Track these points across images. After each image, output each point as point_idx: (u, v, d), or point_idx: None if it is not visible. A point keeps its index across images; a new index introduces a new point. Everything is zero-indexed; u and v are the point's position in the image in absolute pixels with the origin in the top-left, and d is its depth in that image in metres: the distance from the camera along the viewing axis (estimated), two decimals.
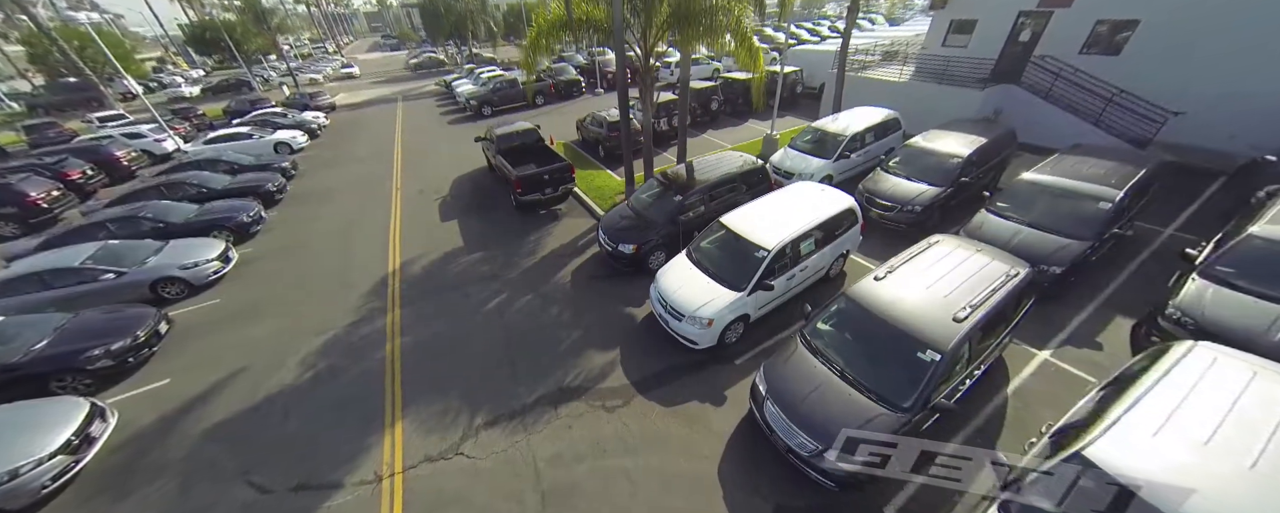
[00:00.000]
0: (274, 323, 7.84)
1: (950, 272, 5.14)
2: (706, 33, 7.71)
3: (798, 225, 6.51)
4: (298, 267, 9.58)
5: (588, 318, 7.41)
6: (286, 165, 14.67)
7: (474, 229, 10.62)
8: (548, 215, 10.99)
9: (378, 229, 10.96)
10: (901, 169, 9.02)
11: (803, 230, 6.48)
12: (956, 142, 8.90)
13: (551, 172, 10.42)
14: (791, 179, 10.18)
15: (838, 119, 11.03)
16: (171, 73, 47.29)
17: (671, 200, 8.18)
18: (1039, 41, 12.40)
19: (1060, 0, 11.68)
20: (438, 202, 12.34)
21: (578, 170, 13.19)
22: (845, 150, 10.23)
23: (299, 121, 19.92)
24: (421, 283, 8.67)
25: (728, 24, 7.29)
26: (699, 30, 7.74)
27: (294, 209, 12.56)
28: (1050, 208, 6.77)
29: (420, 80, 36.20)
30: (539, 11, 8.79)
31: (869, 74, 14.75)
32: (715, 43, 7.80)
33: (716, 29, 7.49)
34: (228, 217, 10.36)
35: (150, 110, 16.84)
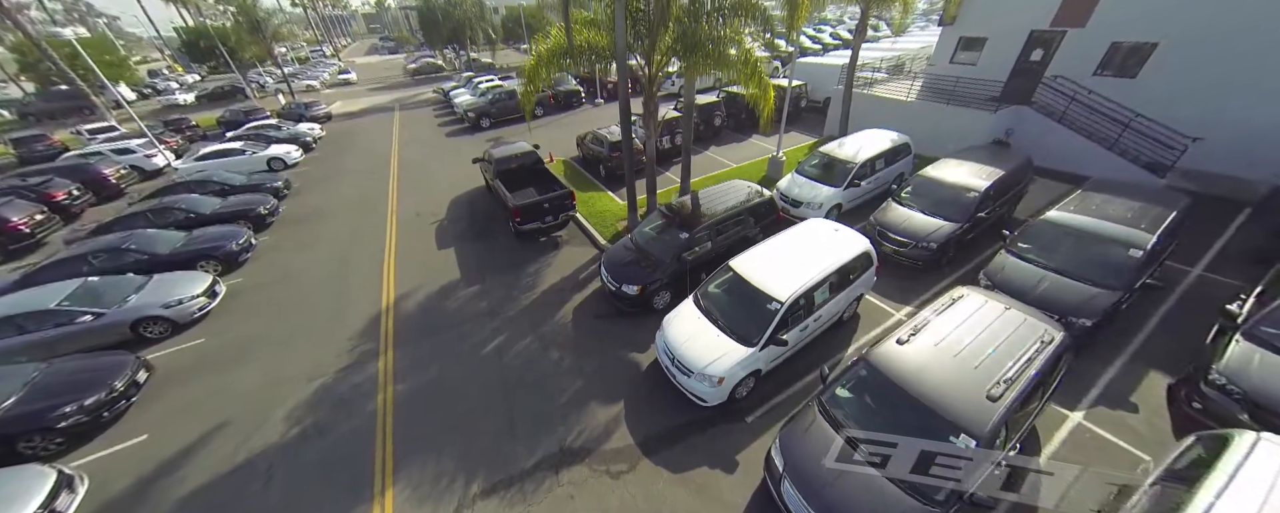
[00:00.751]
0: (260, 367, 7.47)
1: (980, 334, 4.81)
2: (714, 63, 7.37)
3: (812, 273, 6.17)
4: (287, 300, 9.20)
5: (590, 364, 7.06)
6: (279, 184, 14.29)
7: (471, 258, 10.25)
8: (547, 243, 10.63)
9: (372, 257, 10.59)
10: (915, 201, 8.69)
11: (817, 279, 6.13)
12: (972, 173, 8.58)
13: (551, 200, 10.07)
14: (800, 208, 9.89)
15: (846, 144, 10.70)
16: (167, 77, 46.80)
17: (677, 237, 7.84)
18: (1051, 62, 12.11)
19: (1074, 20, 11.38)
20: (434, 226, 11.97)
21: (578, 192, 12.88)
22: (855, 178, 9.90)
23: (293, 135, 19.53)
24: (416, 321, 8.31)
25: (738, 57, 6.94)
26: (706, 59, 7.40)
27: (286, 233, 12.17)
28: (1077, 252, 6.44)
29: (418, 87, 35.80)
30: (537, 39, 8.41)
31: (876, 92, 14.43)
32: (723, 71, 7.46)
33: (725, 59, 7.15)
34: (216, 246, 9.97)
35: (139, 125, 16.38)
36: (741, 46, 6.96)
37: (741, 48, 6.94)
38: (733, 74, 7.28)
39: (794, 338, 6.13)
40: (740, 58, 6.95)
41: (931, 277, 8.14)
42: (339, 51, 69.35)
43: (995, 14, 12.62)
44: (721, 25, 7.47)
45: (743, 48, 6.94)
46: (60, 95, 29.24)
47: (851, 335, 7.17)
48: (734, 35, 7.11)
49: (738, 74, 7.17)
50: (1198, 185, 9.71)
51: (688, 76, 8.56)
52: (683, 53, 7.84)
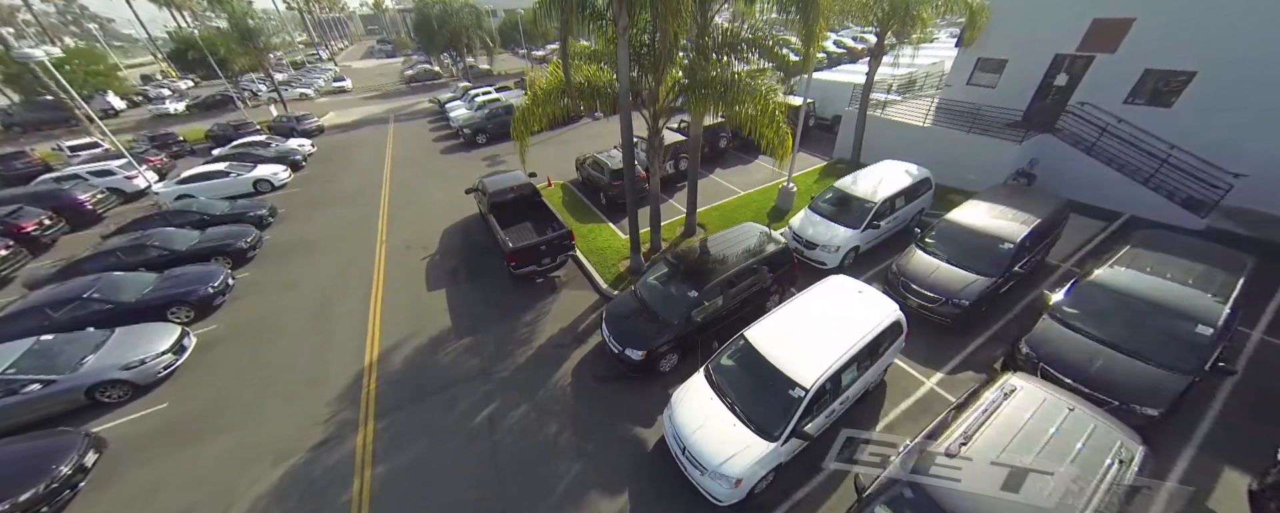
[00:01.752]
0: (226, 441, 6.78)
1: (1044, 446, 4.14)
2: (726, 106, 6.71)
3: (838, 350, 5.50)
4: (263, 355, 8.50)
5: (591, 442, 6.38)
6: (263, 212, 13.58)
7: (464, 302, 9.57)
8: (545, 284, 9.95)
9: (357, 301, 9.89)
10: (942, 250, 8.01)
11: (845, 358, 5.46)
12: (1006, 219, 7.90)
13: (549, 241, 9.39)
14: (816, 251, 9.22)
15: (862, 179, 10.01)
16: (159, 83, 46.04)
17: (685, 295, 7.16)
18: (1077, 87, 11.46)
19: (1103, 45, 10.74)
20: (425, 261, 11.28)
21: (577, 223, 12.23)
22: (874, 219, 9.22)
23: (282, 153, 18.83)
24: (401, 382, 7.62)
25: (753, 105, 6.27)
26: (715, 102, 6.75)
27: (268, 269, 11.46)
28: (1136, 325, 5.77)
29: (414, 96, 35.13)
30: (534, 78, 7.72)
31: (890, 114, 13.77)
32: (734, 115, 6.80)
33: (737, 102, 6.49)
34: (189, 291, 9.27)
35: (118, 147, 15.66)
36: (757, 88, 6.29)
37: (757, 91, 6.28)
38: (746, 114, 6.61)
39: (818, 425, 5.47)
40: (758, 103, 6.28)
41: (963, 337, 7.47)
42: (335, 55, 68.61)
43: (1017, 36, 11.98)
44: (732, 63, 6.83)
45: (759, 91, 6.27)
46: (46, 106, 28.48)
47: (878, 409, 6.50)
48: (748, 78, 6.44)
49: (752, 119, 6.49)
50: (1245, 227, 9.08)
51: (694, 113, 7.90)
52: (690, 91, 7.20)
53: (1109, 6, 10.35)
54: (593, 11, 6.76)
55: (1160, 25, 9.74)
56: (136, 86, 45.21)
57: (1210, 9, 9.04)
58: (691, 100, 7.02)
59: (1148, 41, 10.01)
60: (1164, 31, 9.72)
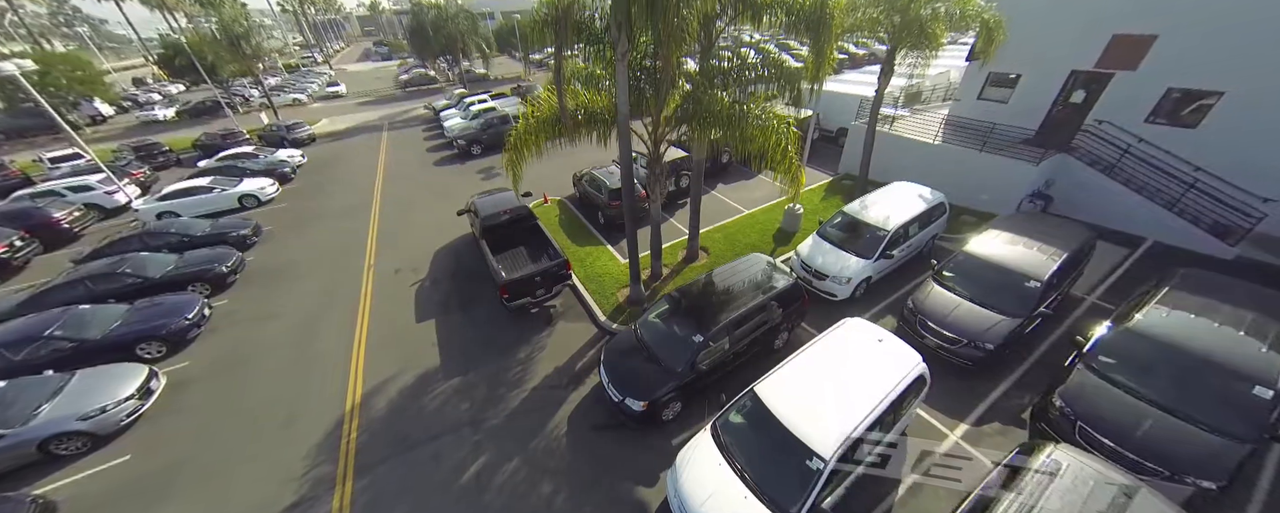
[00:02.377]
0: (191, 502, 6.23)
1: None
2: (734, 139, 6.22)
3: (859, 413, 5.00)
4: (237, 397, 7.94)
5: (588, 504, 5.86)
6: (247, 231, 13.00)
7: (454, 335, 9.03)
8: (539, 315, 9.42)
9: (341, 333, 9.34)
10: (961, 285, 7.52)
11: (867, 421, 4.96)
12: (1030, 253, 7.42)
13: (544, 272, 8.86)
14: (826, 282, 8.72)
15: (873, 205, 9.50)
16: (150, 87, 45.27)
17: (690, 340, 6.64)
18: (1095, 104, 11.00)
19: (1124, 63, 10.28)
20: (414, 287, 10.74)
21: (574, 246, 11.71)
22: (887, 248, 8.73)
23: (270, 165, 18.23)
24: (384, 432, 7.08)
25: (764, 140, 5.77)
26: (722, 134, 6.26)
27: (248, 296, 10.89)
28: (1184, 381, 5.26)
29: (408, 102, 34.55)
30: (528, 107, 7.21)
31: (898, 130, 13.31)
32: (743, 148, 6.30)
33: (746, 137, 5.99)
34: (160, 325, 8.70)
35: (97, 162, 15.07)
36: (768, 123, 5.79)
37: (768, 125, 5.77)
38: (756, 148, 6.11)
39: (837, 498, 4.97)
40: (769, 138, 5.77)
41: (986, 382, 6.99)
42: (330, 58, 67.84)
43: (1031, 50, 11.51)
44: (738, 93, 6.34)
45: (770, 125, 5.77)
46: (30, 113, 27.76)
47: (899, 466, 6.00)
48: (758, 110, 5.94)
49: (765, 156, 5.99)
50: (1272, 255, 8.63)
51: (698, 141, 7.41)
52: (693, 119, 6.70)
53: (1130, 22, 9.90)
54: (590, 35, 6.26)
55: (1185, 43, 9.29)
56: (126, 91, 44.49)
57: (1240, 27, 8.60)
58: (695, 130, 6.54)
59: (1172, 59, 9.56)
60: (1189, 50, 9.27)
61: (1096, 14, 10.31)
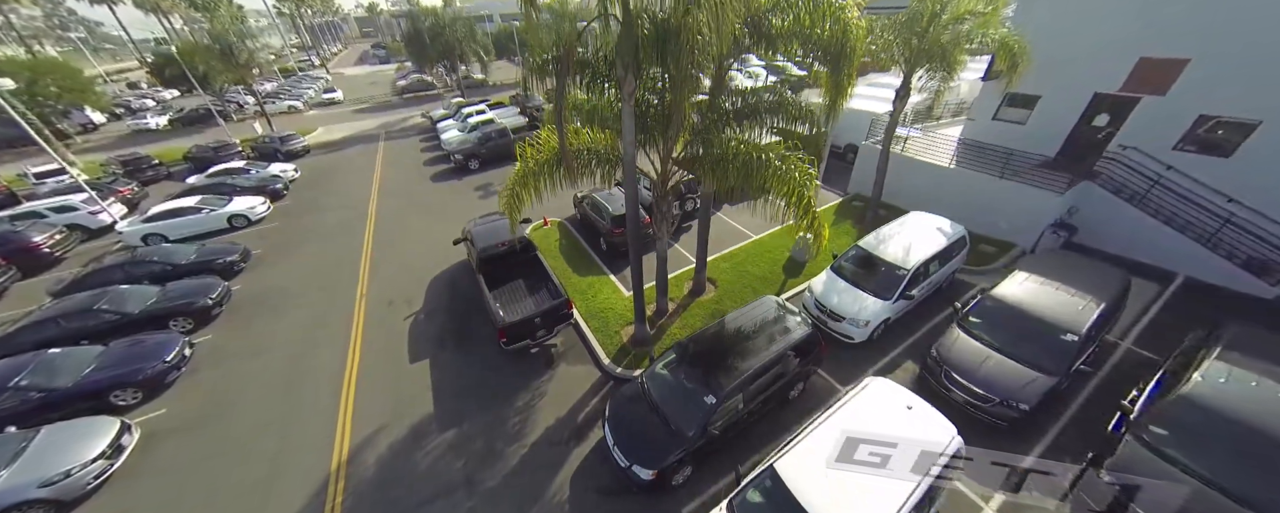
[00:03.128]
0: None
1: None
2: (749, 186, 5.74)
3: (892, 502, 4.52)
4: (215, 451, 7.42)
5: None
6: (235, 257, 12.48)
7: (449, 378, 8.54)
8: (539, 355, 8.93)
9: (330, 375, 8.82)
10: (989, 334, 7.03)
11: (901, 510, 4.49)
12: (1064, 302, 6.93)
13: (544, 313, 8.36)
14: (842, 324, 8.23)
15: (890, 239, 9.00)
16: (144, 93, 44.62)
17: (701, 401, 6.15)
18: (1120, 129, 10.54)
19: (1151, 87, 9.81)
20: (408, 321, 10.24)
21: (575, 275, 11.22)
22: (907, 288, 8.24)
23: (262, 181, 17.70)
24: (372, 497, 6.57)
25: (784, 191, 5.28)
26: (737, 180, 5.79)
27: (233, 330, 10.37)
28: (1252, 457, 4.77)
29: (406, 109, 34.05)
30: (525, 148, 6.71)
31: (911, 151, 12.83)
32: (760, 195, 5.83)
33: (765, 186, 5.52)
34: (135, 371, 8.18)
35: (80, 181, 14.55)
36: (790, 174, 5.30)
37: (790, 176, 5.28)
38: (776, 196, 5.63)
39: None
40: (791, 191, 5.28)
41: (1020, 441, 6.51)
42: (327, 61, 67.22)
43: (1052, 71, 11.01)
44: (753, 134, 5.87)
45: (792, 177, 5.28)
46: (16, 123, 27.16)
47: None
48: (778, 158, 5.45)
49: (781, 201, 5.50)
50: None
51: (707, 183, 6.93)
52: (703, 162, 6.23)
53: (1159, 45, 9.44)
54: (593, 73, 5.77)
55: (1219, 69, 8.82)
56: (120, 96, 43.89)
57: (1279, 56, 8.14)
58: (706, 173, 6.06)
59: (1204, 86, 9.09)
60: (1223, 76, 8.80)
61: (1122, 35, 9.84)
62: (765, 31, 6.34)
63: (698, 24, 4.45)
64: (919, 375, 7.66)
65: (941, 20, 8.88)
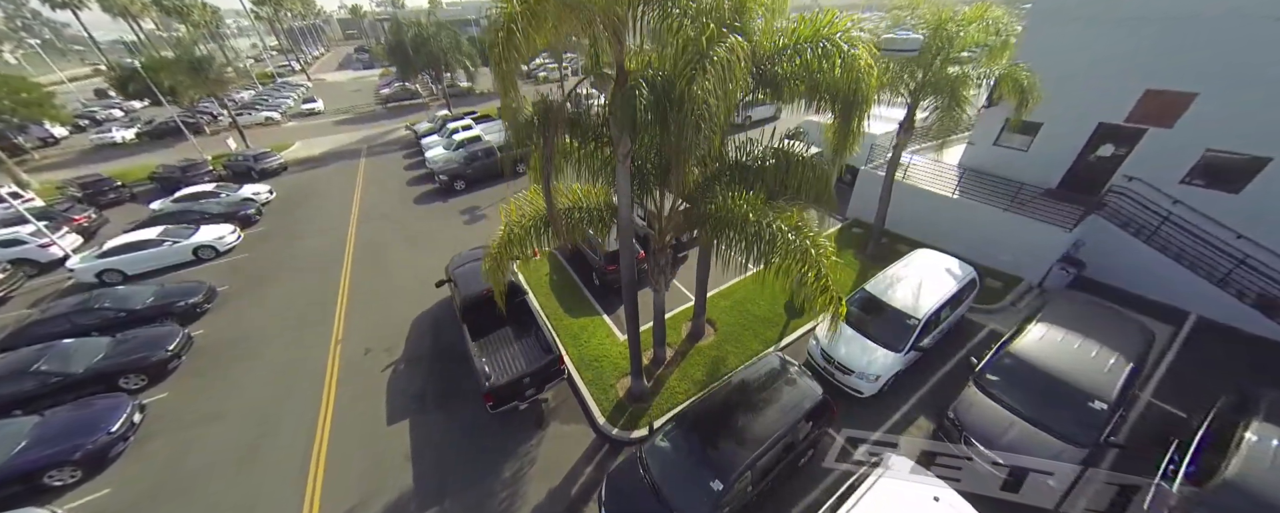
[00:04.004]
0: None
1: None
2: (755, 257, 5.21)
3: None
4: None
5: None
6: (198, 299, 11.55)
7: (430, 444, 7.84)
8: (528, 414, 8.28)
9: (297, 443, 8.03)
10: (1012, 396, 6.59)
11: None
12: (1089, 361, 6.51)
13: (533, 373, 7.72)
14: (851, 378, 7.75)
15: (898, 284, 8.53)
16: (112, 102, 42.54)
17: (707, 487, 5.58)
18: (1126, 160, 10.30)
19: (1157, 119, 9.57)
20: (387, 373, 9.50)
21: (567, 315, 10.59)
22: (919, 337, 7.80)
23: (232, 207, 16.68)
24: None
25: (799, 269, 4.76)
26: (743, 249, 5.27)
27: (191, 387, 9.47)
28: None
29: (390, 120, 33.02)
30: (510, 208, 6.08)
31: (913, 177, 12.47)
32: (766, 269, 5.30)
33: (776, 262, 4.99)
34: (72, 449, 7.29)
35: (25, 213, 13.45)
36: (805, 249, 4.78)
37: (805, 252, 4.76)
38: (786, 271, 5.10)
39: None
40: (808, 268, 4.76)
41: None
42: (308, 66, 65.33)
43: (1054, 98, 10.65)
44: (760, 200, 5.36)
45: (809, 253, 4.76)
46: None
47: None
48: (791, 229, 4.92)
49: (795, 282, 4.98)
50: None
51: (705, 245, 6.40)
52: (704, 223, 5.69)
53: (1166, 78, 9.20)
54: (584, 131, 5.19)
55: (1228, 105, 8.59)
56: (86, 105, 41.82)
57: None
58: (707, 236, 5.53)
59: (1212, 120, 8.86)
60: (1233, 111, 8.57)
61: (1128, 66, 9.59)
62: (769, 77, 5.84)
63: (703, 93, 3.90)
64: (934, 434, 7.23)
65: (950, 53, 8.50)
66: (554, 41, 3.81)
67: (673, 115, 4.13)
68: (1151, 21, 9.11)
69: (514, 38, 3.26)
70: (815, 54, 5.47)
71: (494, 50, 3.37)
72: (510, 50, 3.30)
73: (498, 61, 3.39)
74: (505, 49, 3.30)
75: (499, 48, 3.30)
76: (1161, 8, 8.94)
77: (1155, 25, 9.07)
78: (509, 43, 3.28)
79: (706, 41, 3.92)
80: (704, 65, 3.97)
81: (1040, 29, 10.68)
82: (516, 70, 3.56)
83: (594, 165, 5.60)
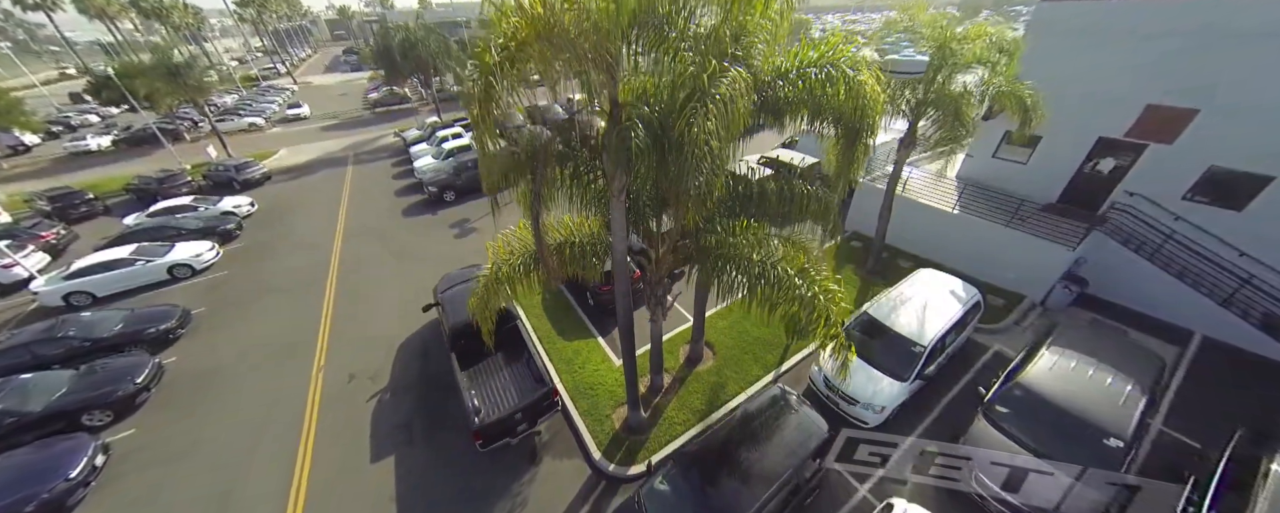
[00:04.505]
0: None
1: None
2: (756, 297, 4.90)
3: None
4: None
5: None
6: (171, 324, 10.96)
7: (417, 483, 7.42)
8: (521, 445, 7.89)
9: (272, 487, 7.52)
10: (1023, 431, 6.34)
11: None
12: (1102, 394, 6.29)
13: (525, 408, 7.35)
14: (856, 408, 7.49)
15: (902, 306, 8.29)
16: (89, 106, 41.16)
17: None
18: (1126, 175, 10.18)
19: (1157, 135, 9.45)
20: (371, 402, 9.05)
21: (560, 338, 10.22)
22: (924, 366, 7.55)
23: (211, 222, 16.03)
24: None
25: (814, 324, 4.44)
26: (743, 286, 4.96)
27: (160, 421, 8.90)
28: None
29: (377, 126, 32.33)
30: (499, 247, 5.70)
31: (912, 191, 12.29)
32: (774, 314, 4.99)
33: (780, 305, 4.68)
34: (26, 499, 6.74)
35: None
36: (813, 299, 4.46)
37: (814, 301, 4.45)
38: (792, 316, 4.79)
39: None
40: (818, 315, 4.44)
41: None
42: (294, 69, 64.03)
43: (1054, 112, 10.59)
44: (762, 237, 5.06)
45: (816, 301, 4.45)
46: None
47: None
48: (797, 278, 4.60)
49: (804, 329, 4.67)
50: None
51: (703, 285, 6.09)
52: (700, 258, 5.38)
53: (1167, 93, 9.07)
54: (576, 165, 4.85)
55: (1231, 122, 8.48)
56: (61, 110, 40.48)
57: None
58: (707, 273, 5.21)
59: (1214, 136, 8.75)
60: (1235, 129, 8.46)
61: (1128, 81, 9.46)
62: (771, 102, 5.55)
63: (705, 135, 3.57)
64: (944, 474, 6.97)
65: (953, 71, 8.29)
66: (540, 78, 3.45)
67: (672, 158, 3.80)
68: (1150, 37, 8.98)
69: (493, 91, 2.91)
70: (819, 78, 5.20)
71: (472, 109, 3.02)
72: (489, 106, 2.95)
73: (477, 120, 3.04)
74: (484, 105, 2.94)
75: (477, 106, 2.95)
76: (1160, 24, 8.82)
77: (1154, 41, 8.95)
78: (488, 97, 2.93)
79: (707, 79, 3.59)
80: (705, 103, 3.64)
81: (1036, 41, 10.52)
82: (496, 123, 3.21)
83: (587, 197, 5.25)
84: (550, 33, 3.00)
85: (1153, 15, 8.84)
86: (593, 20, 3.30)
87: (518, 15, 2.85)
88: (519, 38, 2.84)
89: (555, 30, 3.01)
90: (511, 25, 2.85)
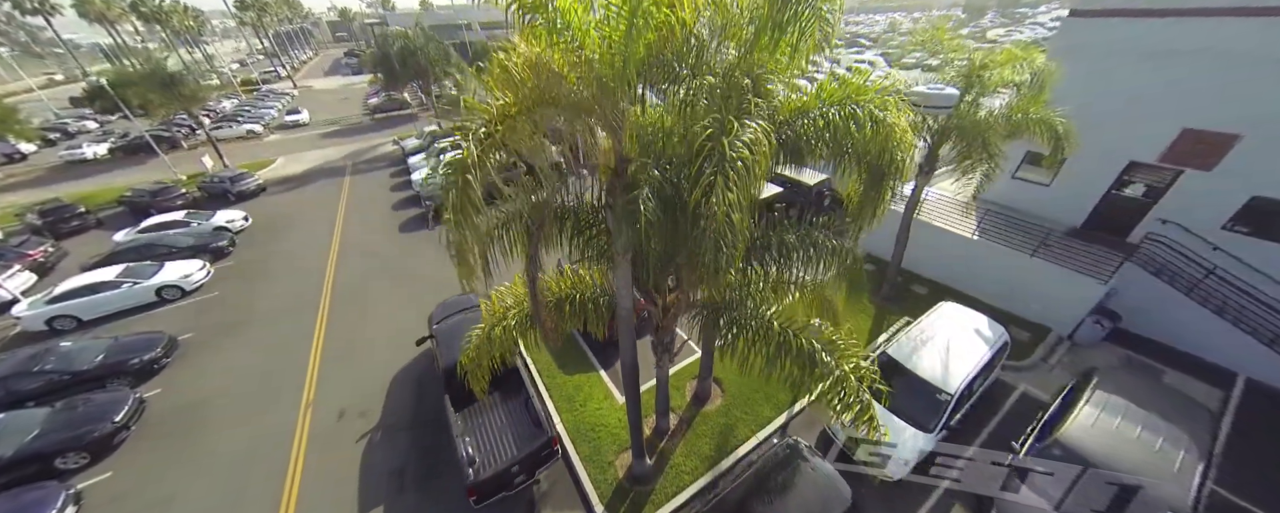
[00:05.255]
0: None
1: None
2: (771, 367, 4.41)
3: None
4: None
5: None
6: (156, 354, 10.51)
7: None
8: (518, 496, 7.40)
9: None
10: (1063, 492, 5.86)
11: None
12: (1152, 458, 5.74)
13: (523, 460, 6.86)
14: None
15: (923, 348, 7.72)
16: (86, 113, 40.89)
17: None
18: (1159, 202, 9.62)
19: (1196, 161, 8.89)
20: (361, 443, 8.58)
21: (561, 372, 9.72)
22: (950, 415, 7.02)
23: (203, 238, 15.60)
24: None
25: (845, 405, 3.94)
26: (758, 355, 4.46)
27: (138, 465, 8.41)
28: None
29: (377, 133, 31.94)
30: (494, 304, 5.21)
31: (928, 214, 11.73)
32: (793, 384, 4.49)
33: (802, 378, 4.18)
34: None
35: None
36: (842, 376, 3.97)
37: (843, 379, 3.95)
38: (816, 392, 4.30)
39: None
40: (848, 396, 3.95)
41: None
42: (294, 72, 63.69)
43: (1079, 133, 10.06)
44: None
45: (846, 379, 3.95)
46: None
47: None
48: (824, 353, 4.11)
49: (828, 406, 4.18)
50: None
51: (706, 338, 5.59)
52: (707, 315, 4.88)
53: (1206, 117, 8.51)
54: (578, 223, 4.36)
55: (1277, 149, 7.92)
56: (60, 115, 40.24)
57: None
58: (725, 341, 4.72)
59: (1258, 164, 8.19)
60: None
61: (1163, 103, 8.89)
62: (789, 143, 5.05)
63: (724, 207, 3.07)
64: None
65: (980, 91, 7.77)
66: None
67: (686, 231, 3.31)
68: (1186, 55, 8.41)
69: (472, 189, 2.43)
70: (842, 116, 4.71)
71: (449, 217, 2.54)
72: (468, 206, 2.48)
73: (455, 222, 2.56)
74: (463, 205, 2.46)
75: (455, 210, 2.46)
76: (1197, 41, 8.25)
77: (1190, 60, 8.38)
78: (466, 195, 2.46)
79: (726, 143, 3.09)
80: (725, 170, 3.14)
81: (1063, 59, 9.96)
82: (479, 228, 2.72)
83: (589, 253, 4.76)
84: (549, 100, 2.51)
85: (1193, 33, 8.27)
86: (596, 75, 2.82)
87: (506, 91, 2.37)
88: (507, 114, 2.37)
89: (554, 97, 2.52)
90: (499, 106, 2.38)
